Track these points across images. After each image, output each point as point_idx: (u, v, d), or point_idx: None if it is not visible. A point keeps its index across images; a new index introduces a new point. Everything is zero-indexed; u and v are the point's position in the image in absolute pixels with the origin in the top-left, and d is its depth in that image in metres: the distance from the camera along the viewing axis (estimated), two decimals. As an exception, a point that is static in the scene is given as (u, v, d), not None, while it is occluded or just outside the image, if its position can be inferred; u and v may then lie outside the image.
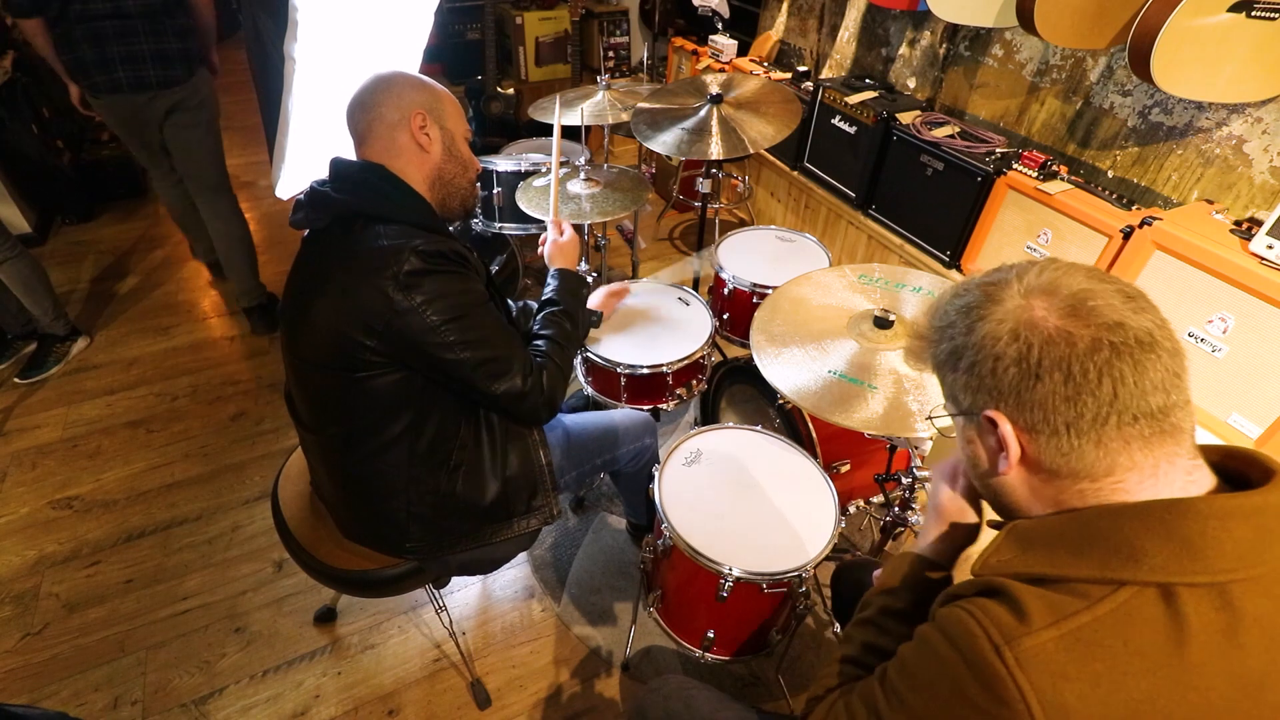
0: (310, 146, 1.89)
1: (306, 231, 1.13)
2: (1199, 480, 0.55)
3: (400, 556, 1.25)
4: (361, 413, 1.10)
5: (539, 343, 1.25)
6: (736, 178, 3.19)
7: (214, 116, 2.33)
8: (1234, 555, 0.49)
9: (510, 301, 1.57)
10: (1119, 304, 0.54)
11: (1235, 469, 0.57)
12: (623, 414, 1.51)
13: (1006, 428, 0.58)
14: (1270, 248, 1.46)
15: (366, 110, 1.09)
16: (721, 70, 3.18)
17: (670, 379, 1.65)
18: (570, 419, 1.46)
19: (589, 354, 1.63)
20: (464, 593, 1.74)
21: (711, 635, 1.29)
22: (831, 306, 1.38)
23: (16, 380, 2.30)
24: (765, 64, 3.18)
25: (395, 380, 1.07)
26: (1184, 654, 0.49)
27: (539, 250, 1.49)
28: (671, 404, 1.71)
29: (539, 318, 1.30)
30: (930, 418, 0.74)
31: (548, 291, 1.35)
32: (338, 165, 1.10)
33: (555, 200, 1.61)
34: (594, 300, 1.66)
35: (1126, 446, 0.54)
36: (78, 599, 1.70)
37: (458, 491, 1.19)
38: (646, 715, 0.98)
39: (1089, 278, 0.57)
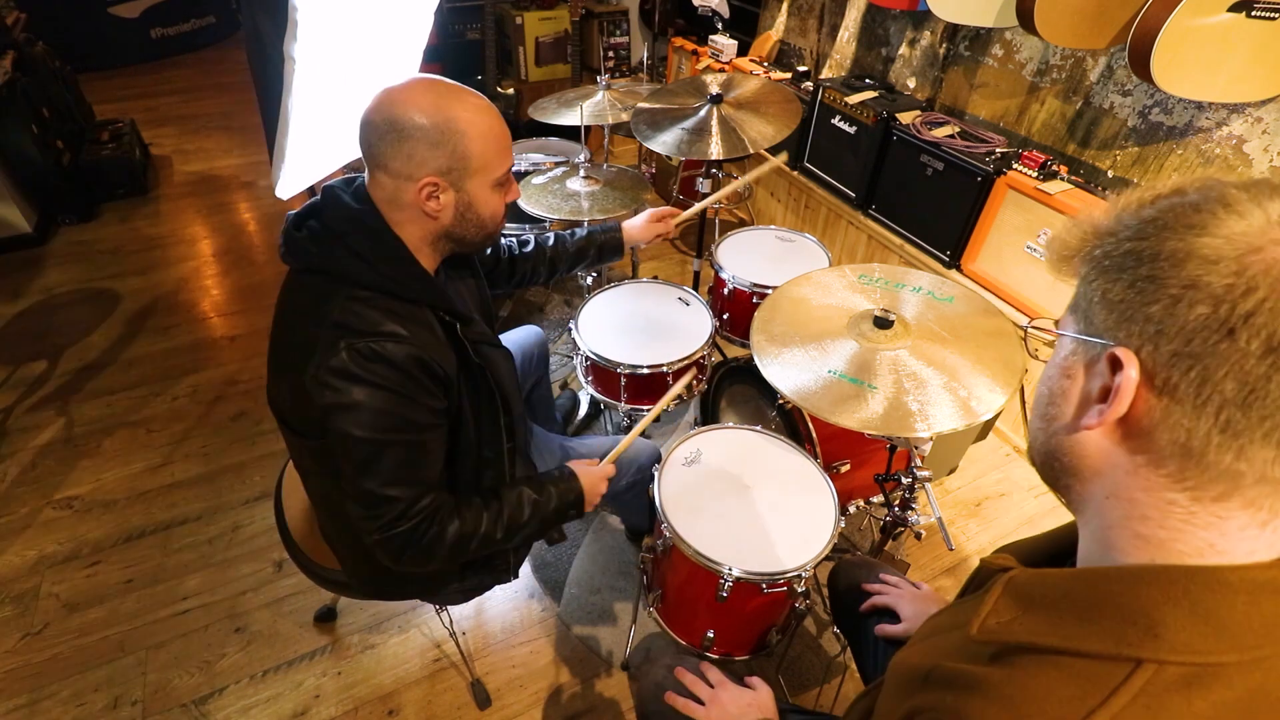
0: (310, 146, 1.89)
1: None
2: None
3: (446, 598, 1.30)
4: None
5: (493, 506, 1.07)
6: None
7: None
8: (1262, 632, 0.41)
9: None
10: None
11: None
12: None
13: (1131, 376, 0.42)
14: (1270, 248, 1.46)
15: (373, 153, 0.92)
16: (721, 70, 3.18)
17: (670, 379, 1.65)
18: (571, 444, 1.44)
19: (589, 354, 1.63)
20: (464, 593, 1.74)
21: (711, 635, 1.29)
22: (831, 306, 1.38)
23: None
24: (765, 64, 3.18)
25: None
26: None
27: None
28: (672, 404, 1.71)
29: (517, 489, 1.12)
30: (1031, 326, 0.58)
31: (550, 476, 1.17)
32: (326, 205, 0.96)
33: (626, 444, 1.32)
34: (637, 221, 1.57)
35: (1263, 478, 0.41)
36: (78, 599, 1.70)
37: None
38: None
39: None
